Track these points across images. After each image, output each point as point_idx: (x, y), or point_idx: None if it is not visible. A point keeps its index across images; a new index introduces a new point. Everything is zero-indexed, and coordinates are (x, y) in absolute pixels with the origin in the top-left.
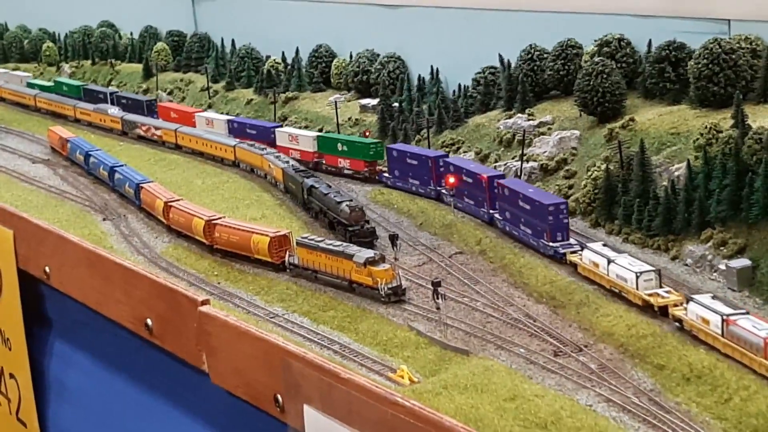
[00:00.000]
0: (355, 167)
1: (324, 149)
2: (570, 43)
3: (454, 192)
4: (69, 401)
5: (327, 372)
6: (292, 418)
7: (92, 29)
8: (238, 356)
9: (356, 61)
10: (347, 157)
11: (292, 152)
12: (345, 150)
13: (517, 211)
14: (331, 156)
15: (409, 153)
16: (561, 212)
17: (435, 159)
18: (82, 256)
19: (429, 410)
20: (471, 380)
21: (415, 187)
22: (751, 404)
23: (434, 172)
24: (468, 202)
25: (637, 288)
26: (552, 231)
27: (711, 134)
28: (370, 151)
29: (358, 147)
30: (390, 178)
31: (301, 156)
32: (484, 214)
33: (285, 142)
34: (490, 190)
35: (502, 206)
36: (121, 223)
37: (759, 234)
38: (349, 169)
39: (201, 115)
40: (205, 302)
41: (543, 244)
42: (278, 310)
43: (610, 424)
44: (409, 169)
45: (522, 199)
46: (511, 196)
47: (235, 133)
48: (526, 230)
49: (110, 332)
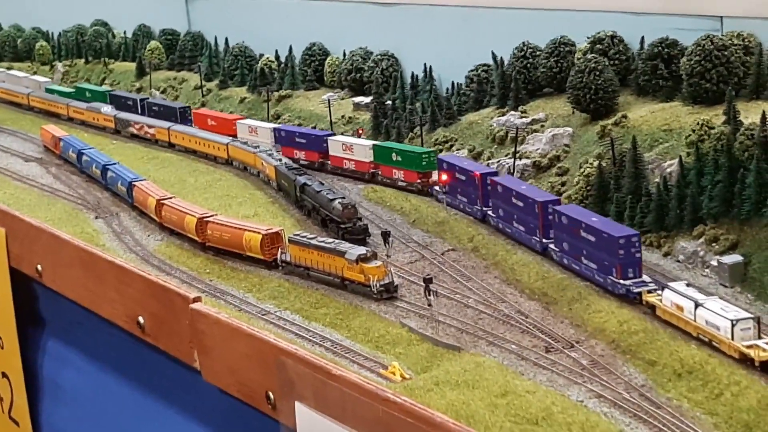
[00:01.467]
0: (408, 179)
1: (380, 159)
2: (563, 40)
3: (447, 190)
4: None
5: (319, 369)
6: (284, 415)
7: (86, 28)
8: (230, 354)
9: (350, 59)
10: (401, 167)
11: (347, 163)
12: (399, 160)
13: (576, 242)
14: (386, 167)
15: (458, 167)
16: (633, 245)
17: (482, 176)
18: (74, 255)
19: (420, 406)
20: (462, 376)
21: (463, 205)
22: (743, 399)
23: (481, 191)
24: (518, 228)
25: (732, 338)
26: (623, 267)
27: (703, 131)
28: (422, 161)
29: (410, 157)
30: (440, 193)
31: (357, 167)
32: (537, 243)
33: (338, 152)
34: (544, 217)
35: (558, 236)
36: (114, 222)
37: (751, 230)
38: (403, 181)
39: (243, 122)
40: (197, 299)
41: (612, 282)
42: (270, 308)
43: (601, 420)
44: (457, 184)
45: (585, 229)
46: (571, 225)
47: (282, 143)
48: (590, 265)
49: (103, 330)
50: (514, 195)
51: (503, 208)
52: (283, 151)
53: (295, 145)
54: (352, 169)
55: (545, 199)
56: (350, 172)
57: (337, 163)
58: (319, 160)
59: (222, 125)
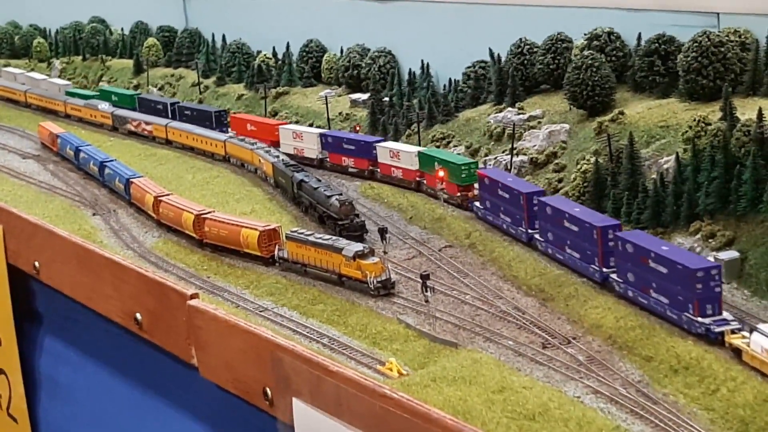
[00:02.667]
0: (450, 191)
1: (424, 167)
2: (560, 37)
3: (444, 185)
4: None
5: (316, 365)
6: (281, 411)
7: (83, 25)
8: (227, 350)
9: (347, 56)
10: (444, 178)
11: (394, 171)
12: None
13: (644, 272)
14: (431, 176)
15: (501, 184)
16: (712, 278)
17: (528, 196)
18: (71, 251)
19: (417, 402)
20: (459, 372)
21: (506, 225)
22: (739, 395)
23: (526, 212)
24: (572, 255)
25: None
26: (700, 302)
27: (700, 127)
28: (462, 173)
29: (451, 167)
30: (480, 209)
31: (403, 175)
32: (595, 272)
33: (386, 159)
34: (603, 244)
35: (622, 265)
36: (111, 218)
37: (747, 226)
38: (446, 192)
39: (287, 128)
40: (194, 296)
41: (688, 320)
42: (268, 304)
43: (597, 416)
44: (500, 202)
45: (655, 259)
46: (638, 253)
47: (330, 149)
48: (660, 299)
49: (100, 327)
50: (566, 218)
51: (553, 231)
52: (330, 158)
53: (343, 152)
54: (399, 178)
55: (605, 223)
56: (397, 181)
57: (386, 171)
58: (369, 168)
59: (263, 131)
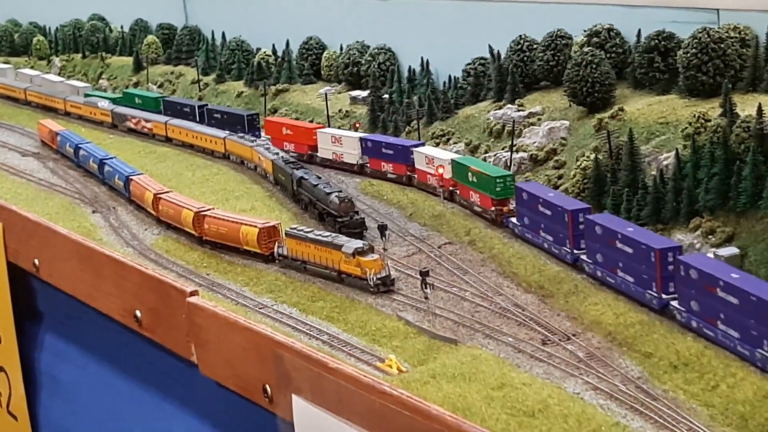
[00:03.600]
0: (484, 204)
1: (458, 177)
2: (559, 33)
3: (442, 183)
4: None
5: (316, 362)
6: (281, 408)
7: (83, 23)
8: (227, 347)
9: (346, 53)
10: (477, 190)
11: (430, 178)
12: (474, 181)
13: (710, 301)
14: (464, 186)
15: (542, 199)
16: None
17: (573, 213)
18: (71, 249)
19: (417, 399)
20: (459, 369)
21: (548, 244)
22: (738, 391)
23: (571, 230)
24: (624, 278)
25: None
26: None
27: (699, 123)
28: (496, 186)
29: (485, 179)
30: (518, 226)
31: (438, 182)
32: (653, 299)
33: (422, 165)
34: (662, 267)
35: (684, 292)
36: (111, 216)
37: (747, 222)
38: (479, 206)
39: (325, 131)
40: (194, 293)
41: (762, 357)
42: (267, 301)
43: (597, 412)
44: (541, 219)
45: (724, 288)
46: (703, 280)
47: (370, 154)
48: (730, 332)
49: (100, 324)
50: (619, 238)
51: (603, 252)
52: (370, 164)
53: (382, 157)
54: (434, 186)
55: (663, 246)
56: (432, 189)
57: (423, 178)
58: (407, 173)
59: (300, 135)
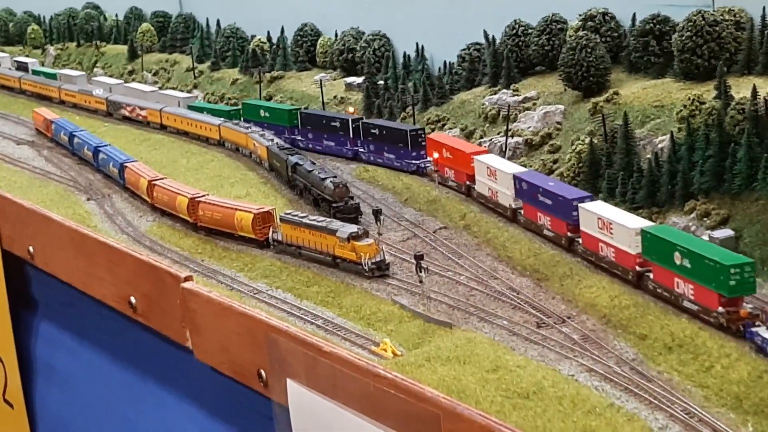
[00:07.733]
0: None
1: (652, 255)
2: (554, 18)
3: (438, 167)
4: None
5: (310, 346)
6: (275, 392)
7: (77, 11)
8: (221, 332)
9: (341, 40)
10: (690, 279)
11: (604, 249)
12: (686, 266)
13: None
14: (664, 271)
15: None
16: None
17: None
18: (66, 236)
19: (411, 381)
20: (454, 352)
21: None
22: (733, 372)
23: None
24: None
25: None
26: None
27: (694, 106)
28: (730, 279)
29: (706, 266)
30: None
31: (617, 259)
32: None
33: (593, 229)
34: None
35: None
36: (106, 203)
37: (742, 204)
38: (693, 301)
39: (481, 159)
40: (188, 278)
41: None
42: (262, 287)
43: (592, 393)
44: None
45: None
46: None
47: (524, 198)
48: None
49: (95, 311)
50: None
51: None
52: (524, 211)
53: (538, 206)
54: (610, 261)
55: None
56: (608, 264)
57: (592, 245)
58: (567, 234)
59: (459, 160)
